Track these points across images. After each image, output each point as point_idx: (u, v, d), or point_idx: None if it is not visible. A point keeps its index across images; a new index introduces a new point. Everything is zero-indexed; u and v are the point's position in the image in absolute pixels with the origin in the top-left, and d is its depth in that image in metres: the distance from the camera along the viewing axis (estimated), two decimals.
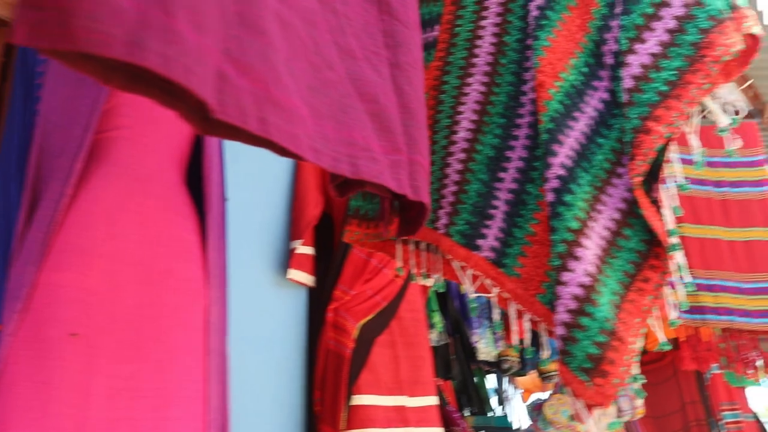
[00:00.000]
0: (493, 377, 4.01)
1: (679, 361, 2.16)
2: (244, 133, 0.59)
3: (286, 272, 1.73)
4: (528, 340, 1.07)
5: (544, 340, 1.12)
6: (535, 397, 3.82)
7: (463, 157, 1.28)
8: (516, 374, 3.19)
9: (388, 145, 0.79)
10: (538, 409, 3.74)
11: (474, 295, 1.22)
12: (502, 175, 1.22)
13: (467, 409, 2.98)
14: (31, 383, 0.98)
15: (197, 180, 1.34)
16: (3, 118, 1.51)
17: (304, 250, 1.76)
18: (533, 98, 1.16)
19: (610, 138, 1.02)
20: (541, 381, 3.00)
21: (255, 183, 1.77)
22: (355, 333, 1.71)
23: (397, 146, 0.81)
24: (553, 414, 2.71)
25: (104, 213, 1.15)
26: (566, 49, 1.10)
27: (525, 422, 3.90)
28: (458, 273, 1.25)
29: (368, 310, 1.76)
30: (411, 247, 1.38)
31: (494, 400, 3.93)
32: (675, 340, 2.56)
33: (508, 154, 1.22)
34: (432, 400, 1.84)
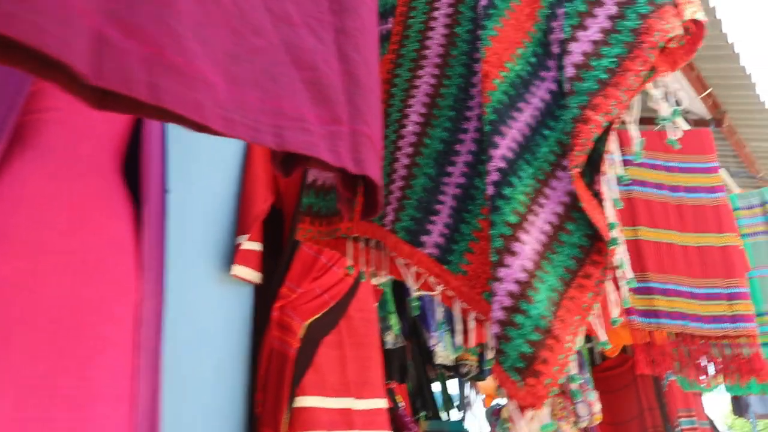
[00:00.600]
0: (455, 382, 3.99)
1: (635, 365, 2.16)
2: (138, 103, 0.54)
3: (231, 268, 1.67)
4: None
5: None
6: (495, 402, 3.80)
7: (410, 151, 1.24)
8: (475, 378, 3.17)
9: (326, 115, 0.75)
10: (496, 414, 3.73)
11: (416, 294, 1.18)
12: (450, 169, 1.18)
13: (422, 413, 2.94)
14: None
15: (137, 170, 1.29)
16: None
17: (251, 245, 1.70)
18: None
19: (556, 130, 0.99)
20: None
21: (201, 176, 1.71)
22: (301, 332, 1.66)
23: (336, 116, 0.76)
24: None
25: (28, 198, 1.09)
26: (513, 38, 1.07)
27: (485, 428, 3.88)
28: (402, 271, 1.22)
29: (316, 308, 1.71)
30: (361, 244, 1.34)
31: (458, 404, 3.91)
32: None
33: (457, 147, 1.19)
34: (381, 402, 1.80)
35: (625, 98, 0.85)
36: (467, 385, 3.85)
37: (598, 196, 0.91)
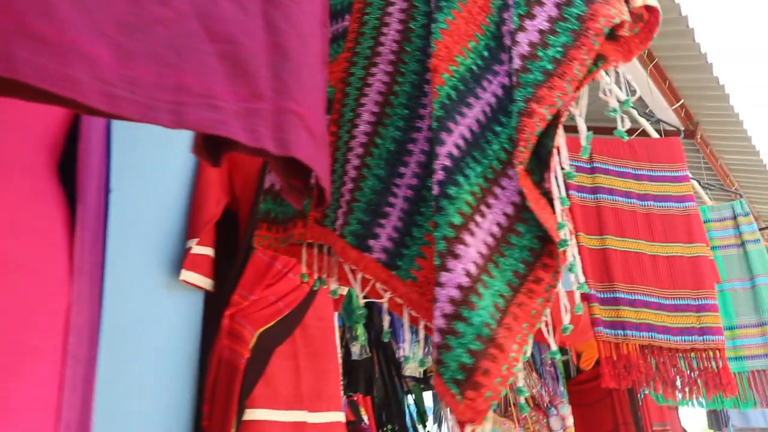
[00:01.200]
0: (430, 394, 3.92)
1: (601, 378, 2.10)
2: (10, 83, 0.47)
3: (179, 273, 1.59)
4: None
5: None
6: None
7: (360, 152, 1.18)
8: None
9: (244, 91, 0.68)
10: None
11: (363, 302, 1.11)
12: (402, 169, 1.12)
13: (388, 427, 2.87)
14: None
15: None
16: None
17: (201, 250, 1.62)
18: None
19: (508, 126, 0.93)
20: None
21: (150, 176, 1.63)
22: (253, 341, 1.58)
23: (257, 92, 0.69)
24: None
25: None
26: (466, 31, 1.01)
27: None
28: (349, 277, 1.15)
29: (269, 317, 1.63)
30: (315, 251, 1.28)
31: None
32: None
33: (410, 147, 1.13)
34: (337, 416, 1.72)
35: (570, 89, 0.79)
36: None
37: (548, 195, 0.86)
